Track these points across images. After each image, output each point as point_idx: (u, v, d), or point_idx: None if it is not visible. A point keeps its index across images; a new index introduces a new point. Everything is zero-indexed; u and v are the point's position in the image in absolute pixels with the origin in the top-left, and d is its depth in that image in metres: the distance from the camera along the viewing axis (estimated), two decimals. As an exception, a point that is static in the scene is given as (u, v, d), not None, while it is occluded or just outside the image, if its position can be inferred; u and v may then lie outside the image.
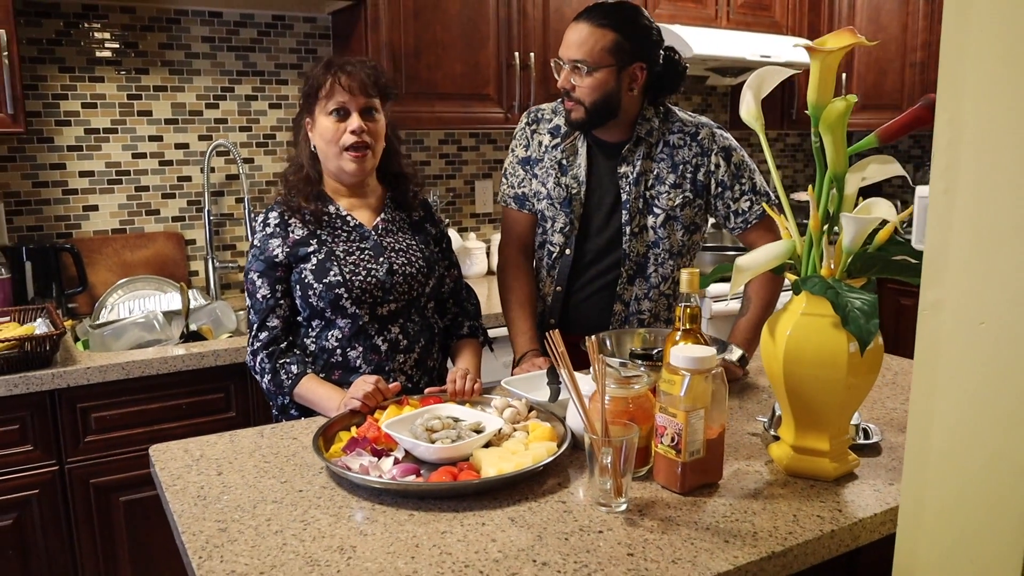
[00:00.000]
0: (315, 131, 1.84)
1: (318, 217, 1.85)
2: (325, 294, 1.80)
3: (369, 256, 1.85)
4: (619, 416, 1.35)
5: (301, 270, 1.83)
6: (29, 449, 2.19)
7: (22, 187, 2.75)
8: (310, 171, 1.88)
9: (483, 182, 3.60)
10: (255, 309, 1.85)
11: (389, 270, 1.85)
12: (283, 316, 1.85)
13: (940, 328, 0.91)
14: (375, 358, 1.86)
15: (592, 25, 1.91)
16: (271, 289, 1.84)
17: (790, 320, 1.35)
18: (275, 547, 1.19)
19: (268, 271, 1.83)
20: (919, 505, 0.95)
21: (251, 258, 1.87)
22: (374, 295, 1.83)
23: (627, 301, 2.09)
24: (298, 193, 1.86)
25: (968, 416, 0.89)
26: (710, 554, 1.16)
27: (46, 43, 2.72)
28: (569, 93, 1.95)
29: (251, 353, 1.85)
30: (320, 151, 1.86)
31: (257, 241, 1.87)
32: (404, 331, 1.89)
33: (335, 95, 1.79)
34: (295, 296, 1.85)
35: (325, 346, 1.86)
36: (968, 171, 0.86)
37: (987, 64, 0.83)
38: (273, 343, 1.83)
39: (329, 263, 1.82)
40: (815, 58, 1.28)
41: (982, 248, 0.85)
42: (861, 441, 1.52)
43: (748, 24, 3.74)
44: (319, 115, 1.82)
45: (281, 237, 1.84)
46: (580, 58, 1.91)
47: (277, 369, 1.81)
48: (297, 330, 1.88)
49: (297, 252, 1.83)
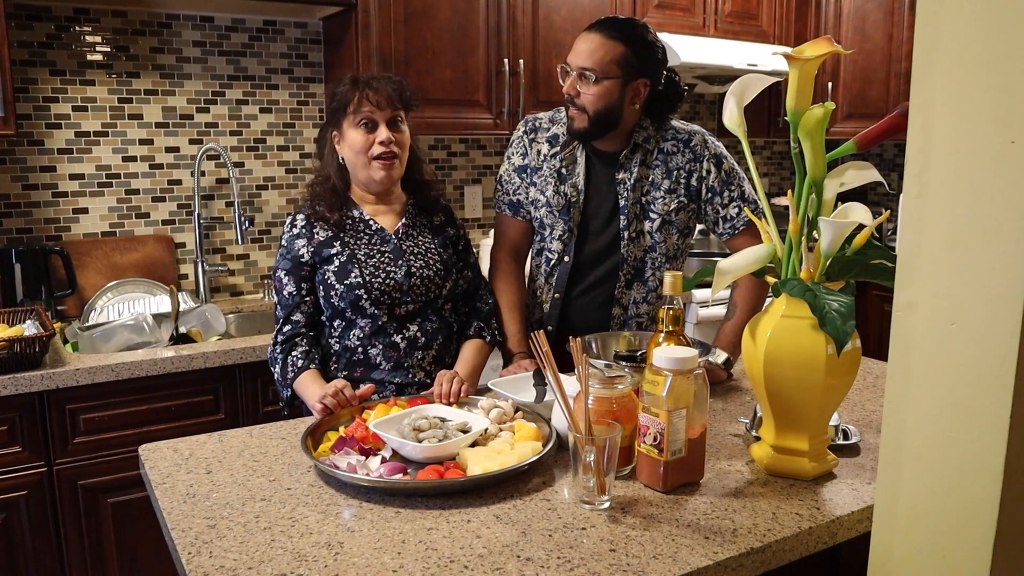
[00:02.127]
0: (344, 143, 1.92)
1: (341, 224, 1.93)
2: (346, 295, 1.88)
3: (389, 259, 1.92)
4: (603, 416, 1.37)
5: (324, 271, 1.90)
6: (17, 450, 2.20)
7: (12, 189, 2.75)
8: (337, 182, 1.95)
9: (472, 187, 3.62)
10: (281, 305, 1.93)
11: (407, 272, 1.92)
12: (307, 312, 1.92)
13: (913, 329, 0.93)
14: (394, 355, 1.92)
15: (604, 36, 1.96)
16: (296, 286, 1.91)
17: (770, 322, 1.38)
18: (263, 543, 1.21)
19: (294, 269, 1.91)
20: (894, 501, 0.98)
21: (279, 257, 1.95)
22: (392, 296, 1.90)
23: (625, 305, 2.12)
24: (323, 203, 1.94)
25: (941, 415, 0.91)
26: (691, 550, 1.18)
27: (37, 46, 2.73)
28: (574, 100, 1.99)
29: (272, 345, 1.92)
30: (349, 162, 1.93)
31: (285, 241, 1.95)
32: (422, 329, 1.95)
33: (363, 108, 1.87)
34: (319, 296, 1.92)
35: (348, 344, 1.92)
36: (940, 175, 0.88)
37: (957, 71, 0.85)
38: (295, 336, 1.90)
39: (351, 265, 1.89)
40: (793, 66, 1.31)
41: (954, 250, 0.88)
42: (840, 442, 1.55)
43: (735, 33, 3.78)
44: (348, 128, 1.90)
45: (307, 238, 1.92)
46: (589, 66, 1.95)
47: (286, 361, 1.87)
48: (321, 329, 1.95)
49: (321, 253, 1.91)
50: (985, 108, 0.83)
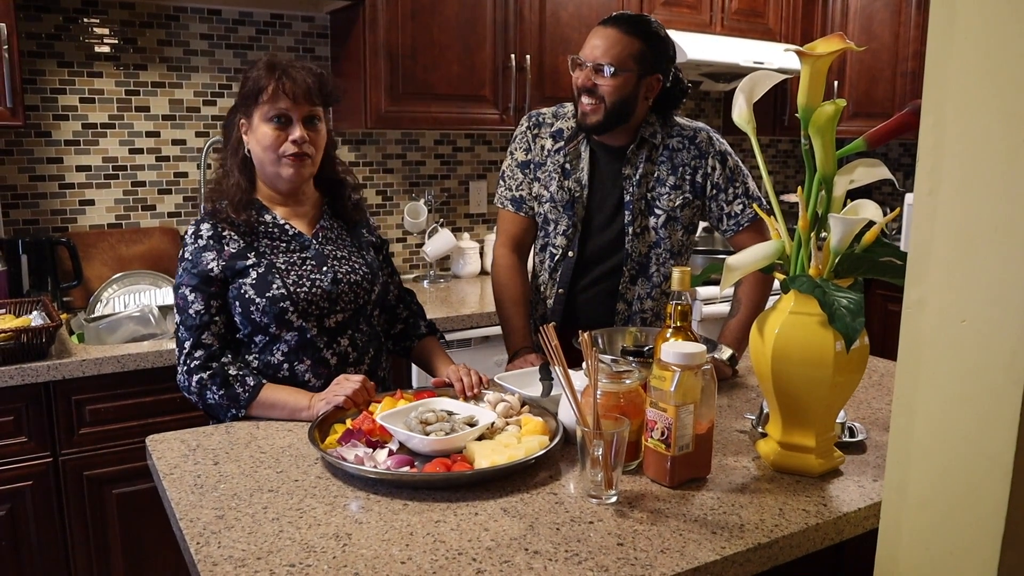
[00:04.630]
0: (252, 135, 1.75)
1: (252, 228, 1.76)
2: (269, 308, 1.71)
3: (312, 266, 1.77)
4: (610, 410, 1.37)
5: (240, 285, 1.72)
6: (23, 440, 2.21)
7: (19, 180, 2.76)
8: (241, 178, 1.78)
9: (477, 183, 3.63)
10: (187, 326, 1.72)
11: (334, 279, 1.78)
12: (218, 333, 1.73)
13: (923, 325, 0.93)
14: (324, 372, 1.78)
15: (620, 31, 1.97)
16: (205, 305, 1.72)
17: (779, 318, 1.38)
18: (271, 534, 1.21)
19: (202, 286, 1.71)
20: (901, 498, 0.98)
21: (182, 272, 1.74)
22: (320, 306, 1.76)
23: (630, 300, 2.13)
24: (227, 202, 1.76)
25: (950, 412, 0.91)
26: (698, 545, 1.19)
27: (45, 37, 2.74)
28: (592, 91, 1.99)
29: (185, 372, 1.72)
30: (256, 156, 1.77)
31: (188, 254, 1.74)
32: (353, 343, 1.82)
33: (278, 101, 1.70)
34: (234, 312, 1.74)
35: (270, 361, 1.77)
36: (952, 173, 0.88)
37: (970, 68, 0.86)
38: (211, 360, 1.71)
39: (271, 276, 1.72)
40: (805, 62, 1.31)
41: (965, 248, 0.88)
42: (847, 439, 1.56)
43: (742, 31, 3.78)
44: (258, 120, 1.73)
45: (216, 251, 1.73)
46: (607, 61, 1.96)
47: (230, 383, 1.69)
48: (236, 347, 1.78)
49: (234, 266, 1.72)
50: (997, 106, 0.83)
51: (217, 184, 1.81)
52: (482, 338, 2.85)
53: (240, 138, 1.79)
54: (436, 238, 3.37)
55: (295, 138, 1.72)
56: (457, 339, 2.77)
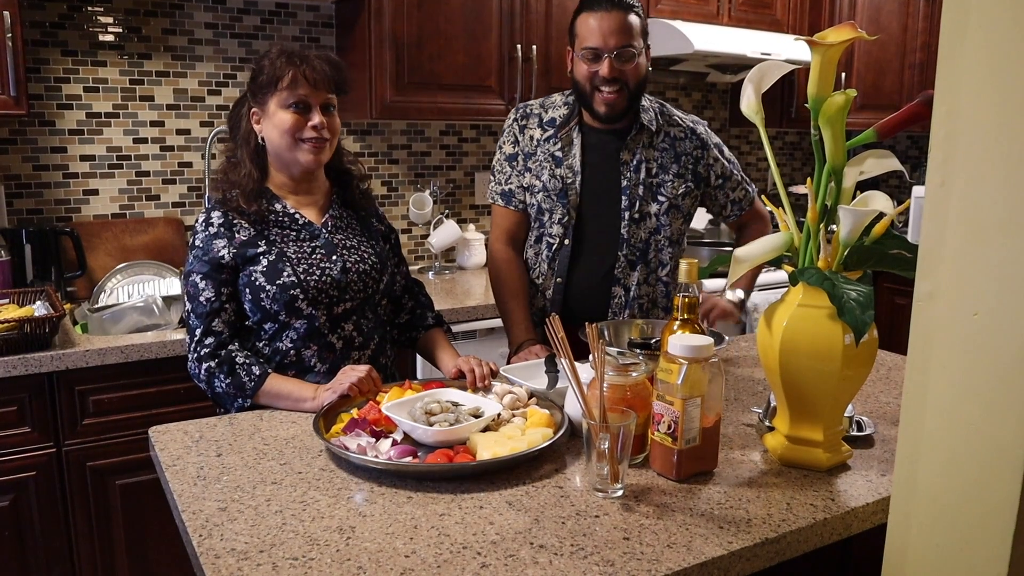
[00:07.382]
0: (268, 121, 1.76)
1: (263, 216, 1.77)
2: (279, 296, 1.73)
3: (322, 255, 1.79)
4: (617, 403, 1.36)
5: (250, 272, 1.74)
6: (27, 431, 2.20)
7: (23, 170, 2.75)
8: (252, 168, 1.78)
9: (483, 173, 3.61)
10: (196, 313, 1.73)
11: (343, 268, 1.80)
12: (228, 320, 1.75)
13: (934, 318, 0.92)
14: (330, 356, 1.80)
15: (625, 12, 2.01)
16: (216, 292, 1.73)
17: (787, 311, 1.37)
18: (275, 526, 1.21)
19: (213, 273, 1.73)
20: (911, 492, 0.97)
21: (192, 259, 1.75)
22: (330, 295, 1.77)
23: (628, 287, 2.13)
24: (239, 191, 1.76)
25: (960, 405, 0.91)
26: (705, 539, 1.17)
27: (49, 26, 2.72)
28: (620, 80, 2.02)
29: (195, 359, 1.74)
30: (271, 142, 1.77)
31: (199, 241, 1.75)
32: (359, 329, 1.84)
33: (297, 88, 1.72)
34: (244, 300, 1.76)
35: (279, 347, 1.78)
36: (964, 164, 0.87)
37: (984, 58, 0.84)
38: (221, 347, 1.72)
39: (281, 264, 1.74)
40: (816, 52, 1.29)
41: (976, 240, 0.87)
42: (854, 433, 1.54)
43: (749, 21, 3.75)
44: (274, 106, 1.74)
45: (227, 238, 1.74)
46: (629, 43, 2.00)
47: (236, 371, 1.71)
48: (245, 334, 1.80)
49: (245, 253, 1.74)
50: (1011, 97, 0.82)
51: (226, 174, 1.81)
52: (487, 330, 2.83)
53: (251, 128, 1.80)
54: (441, 229, 3.36)
55: (315, 123, 1.74)
56: (462, 331, 2.76)
